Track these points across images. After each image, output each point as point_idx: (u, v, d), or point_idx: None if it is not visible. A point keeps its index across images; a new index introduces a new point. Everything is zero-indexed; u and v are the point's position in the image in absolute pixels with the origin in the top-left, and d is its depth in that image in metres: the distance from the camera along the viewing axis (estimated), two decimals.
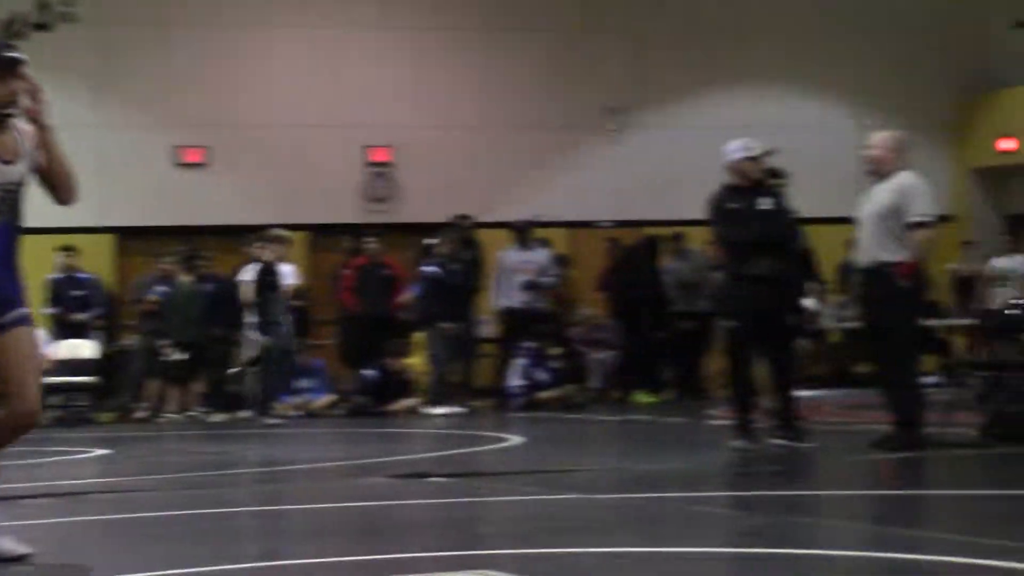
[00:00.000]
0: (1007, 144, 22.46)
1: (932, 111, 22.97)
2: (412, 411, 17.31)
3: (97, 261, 19.38)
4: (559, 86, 21.26)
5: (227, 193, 20.33)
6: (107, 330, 18.64)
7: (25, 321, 6.32)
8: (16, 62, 6.35)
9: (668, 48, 21.76)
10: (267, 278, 16.72)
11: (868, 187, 11.02)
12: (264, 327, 16.68)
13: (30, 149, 6.40)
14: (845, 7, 22.43)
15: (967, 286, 20.92)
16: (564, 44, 21.28)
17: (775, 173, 11.77)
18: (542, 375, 17.78)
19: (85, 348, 18.19)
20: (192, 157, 20.25)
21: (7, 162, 6.33)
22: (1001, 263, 20.72)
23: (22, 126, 6.40)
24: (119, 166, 19.97)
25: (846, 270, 19.75)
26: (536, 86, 21.17)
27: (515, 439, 13.15)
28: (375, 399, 17.69)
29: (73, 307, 18.06)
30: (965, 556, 5.56)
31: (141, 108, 20.40)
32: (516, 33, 21.19)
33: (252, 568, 5.89)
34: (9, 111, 6.34)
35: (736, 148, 11.35)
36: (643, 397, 18.71)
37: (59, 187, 6.54)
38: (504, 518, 7.99)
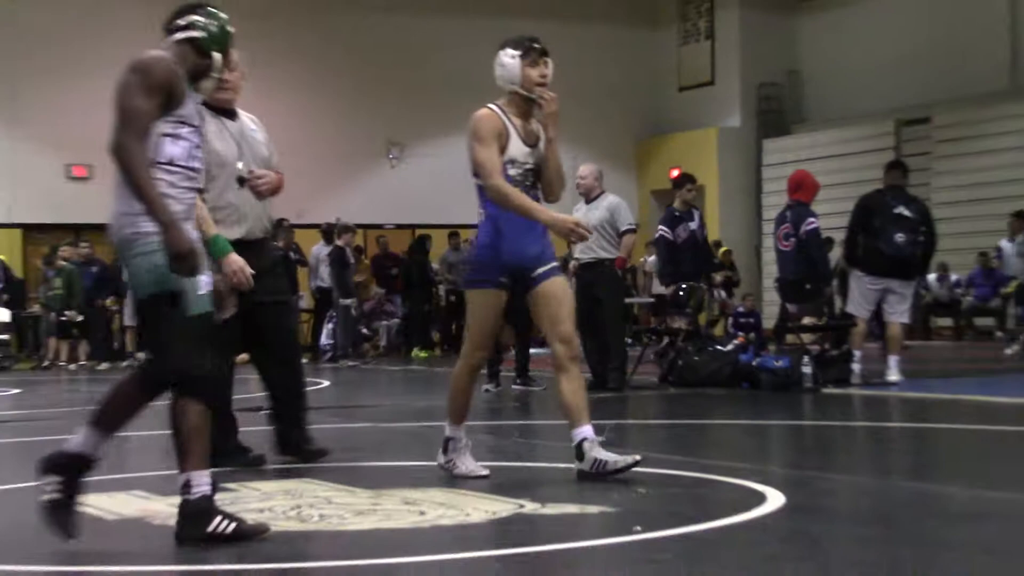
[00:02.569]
0: (675, 172, 22.88)
1: (622, 149, 23.49)
2: (249, 362, 17.01)
3: (7, 250, 19.28)
4: (357, 123, 21.24)
5: (104, 199, 20.17)
6: (14, 301, 18.37)
7: (556, 272, 5.48)
8: (544, 53, 5.49)
9: (432, 96, 21.90)
10: (342, 257, 16.63)
11: (579, 203, 11.07)
12: (343, 292, 16.54)
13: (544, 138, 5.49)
14: (560, 76, 22.63)
15: (650, 275, 21.35)
16: (359, 91, 21.18)
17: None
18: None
19: (1, 314, 17.82)
20: (79, 172, 20.39)
21: (531, 146, 5.47)
22: (654, 260, 21.10)
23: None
24: (26, 178, 19.97)
25: (563, 261, 19.94)
26: (339, 122, 21.11)
27: (324, 383, 12.93)
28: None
29: None
30: (650, 467, 5.58)
31: (42, 136, 20.23)
32: (327, 80, 21.03)
33: (131, 478, 5.65)
34: (535, 96, 5.44)
35: None
36: (419, 353, 18.67)
37: (548, 184, 5.54)
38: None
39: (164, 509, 4.80)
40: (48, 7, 20.07)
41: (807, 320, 11.22)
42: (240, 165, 5.86)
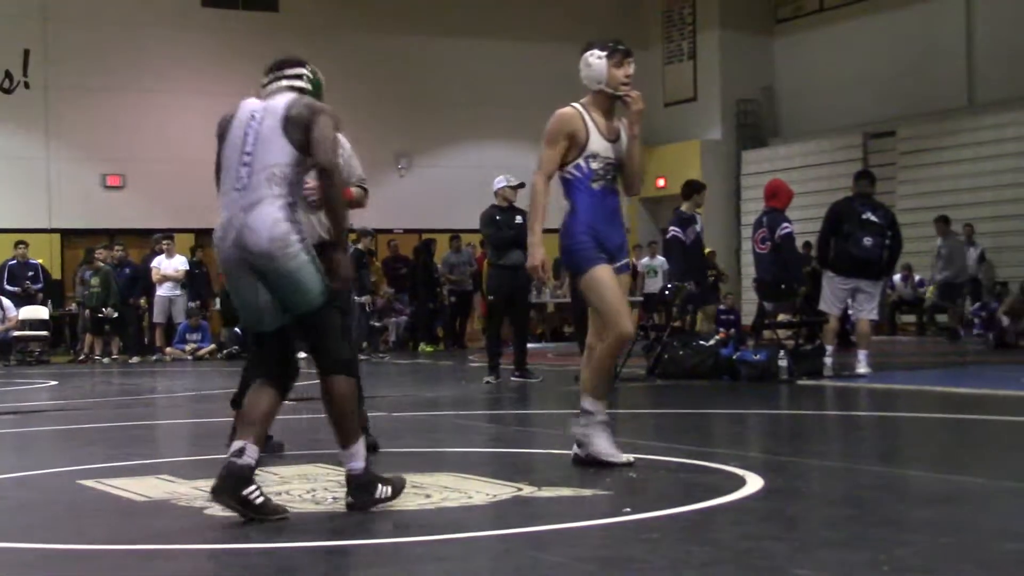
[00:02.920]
0: (661, 182, 22.96)
1: None
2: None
3: (47, 253, 19.27)
4: (368, 135, 21.08)
5: (136, 206, 20.26)
6: (51, 300, 18.37)
7: (626, 269, 5.29)
8: (629, 54, 5.30)
9: (437, 111, 21.94)
10: (360, 258, 16.41)
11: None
12: (360, 290, 16.16)
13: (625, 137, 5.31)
14: (555, 92, 22.61)
15: (641, 276, 21.30)
16: (371, 106, 21.14)
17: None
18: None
19: (40, 311, 17.73)
20: (113, 181, 20.41)
21: (612, 141, 5.26)
22: (645, 261, 21.17)
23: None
24: (64, 187, 19.99)
25: (559, 263, 19.88)
26: (353, 134, 20.92)
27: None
28: (242, 348, 17.36)
29: (27, 283, 17.71)
30: (639, 453, 5.56)
31: (79, 148, 20.23)
32: (341, 95, 20.89)
33: (158, 463, 5.63)
34: (620, 94, 5.24)
35: (500, 180, 11.30)
36: (425, 347, 18.62)
37: (629, 179, 5.35)
38: (326, 428, 7.80)
39: (189, 492, 4.78)
40: (82, 27, 20.03)
41: (782, 317, 11.20)
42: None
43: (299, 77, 4.50)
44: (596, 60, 5.29)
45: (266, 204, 4.17)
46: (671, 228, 11.28)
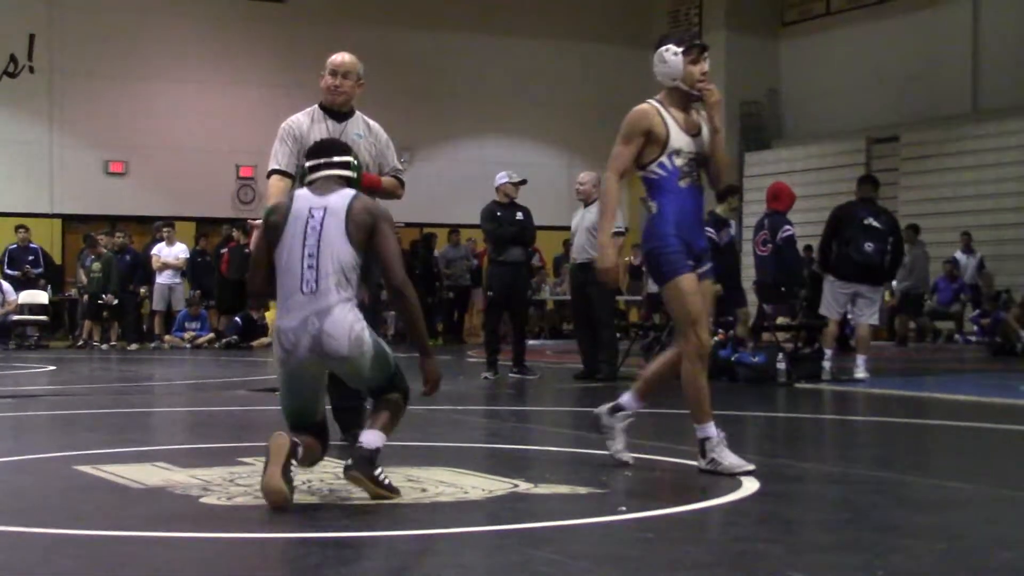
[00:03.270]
0: None
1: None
2: (268, 346, 17.03)
3: (48, 238, 19.29)
4: None
5: (138, 193, 20.25)
6: (53, 285, 18.36)
7: (711, 274, 5.14)
8: (704, 49, 5.18)
9: (439, 105, 21.96)
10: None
11: (577, 208, 11.05)
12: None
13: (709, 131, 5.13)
14: (559, 90, 22.68)
15: (635, 274, 21.31)
16: (373, 101, 21.03)
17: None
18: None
19: (40, 296, 17.71)
20: (116, 167, 20.41)
21: (693, 135, 5.08)
22: None
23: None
24: (66, 173, 20.00)
25: (559, 260, 19.92)
26: None
27: None
28: (241, 338, 17.37)
29: (26, 267, 17.75)
30: (635, 452, 5.56)
31: (82, 134, 20.21)
32: None
33: (154, 450, 5.63)
34: (697, 91, 5.11)
35: (502, 176, 11.28)
36: None
37: (714, 173, 5.16)
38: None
39: (185, 479, 4.78)
40: (88, 13, 20.02)
41: (782, 320, 11.19)
42: None
43: (346, 166, 4.48)
44: (672, 56, 5.16)
45: (339, 309, 4.24)
46: (706, 229, 11.17)
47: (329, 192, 4.37)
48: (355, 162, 4.55)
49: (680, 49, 5.16)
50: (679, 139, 5.04)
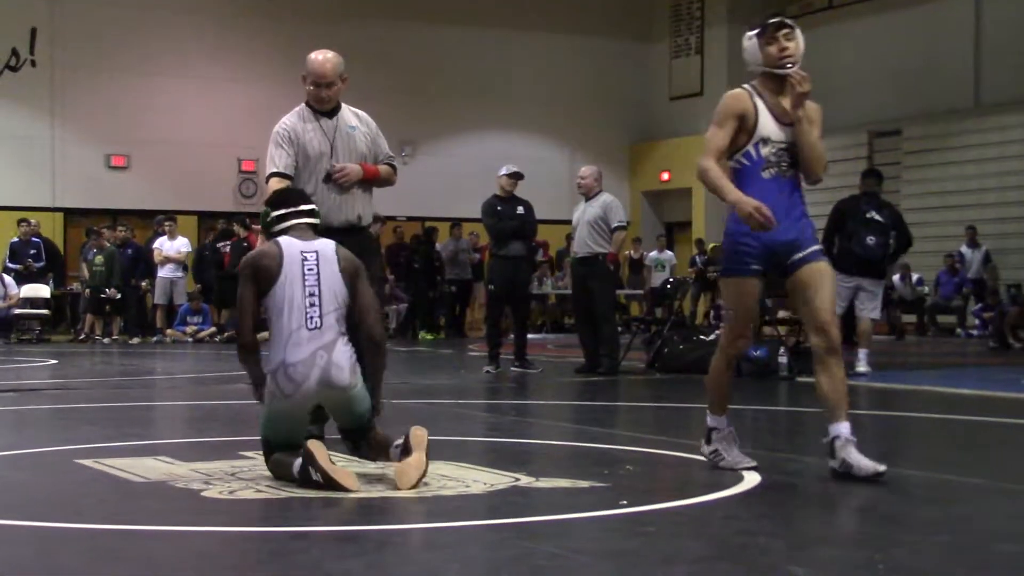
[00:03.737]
0: (665, 176, 22.96)
1: (617, 152, 23.40)
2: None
3: (49, 231, 19.26)
4: None
5: (140, 187, 20.26)
6: (54, 278, 18.36)
7: (817, 256, 4.78)
8: (780, 26, 4.93)
9: (441, 100, 21.94)
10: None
11: (579, 202, 11.05)
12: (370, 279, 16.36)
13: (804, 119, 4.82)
14: (560, 84, 22.66)
15: (635, 268, 21.32)
16: (375, 95, 21.03)
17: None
18: None
19: (42, 289, 17.71)
20: (118, 161, 20.41)
21: (784, 124, 4.83)
22: (654, 255, 21.13)
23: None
24: (69, 166, 19.99)
25: (561, 254, 19.92)
26: None
27: None
28: None
29: (28, 260, 17.73)
30: (637, 446, 5.55)
31: (84, 128, 20.21)
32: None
33: (156, 444, 5.63)
34: (781, 70, 4.86)
35: (503, 170, 11.28)
36: (425, 335, 18.62)
37: (804, 165, 4.83)
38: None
39: (187, 473, 4.78)
40: (89, 7, 20.01)
41: (784, 313, 11.18)
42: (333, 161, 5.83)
43: (312, 214, 4.80)
44: (748, 42, 5.01)
45: (340, 342, 4.58)
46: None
47: (311, 239, 4.69)
48: (317, 210, 4.86)
49: (753, 32, 5.00)
50: (768, 127, 4.81)
